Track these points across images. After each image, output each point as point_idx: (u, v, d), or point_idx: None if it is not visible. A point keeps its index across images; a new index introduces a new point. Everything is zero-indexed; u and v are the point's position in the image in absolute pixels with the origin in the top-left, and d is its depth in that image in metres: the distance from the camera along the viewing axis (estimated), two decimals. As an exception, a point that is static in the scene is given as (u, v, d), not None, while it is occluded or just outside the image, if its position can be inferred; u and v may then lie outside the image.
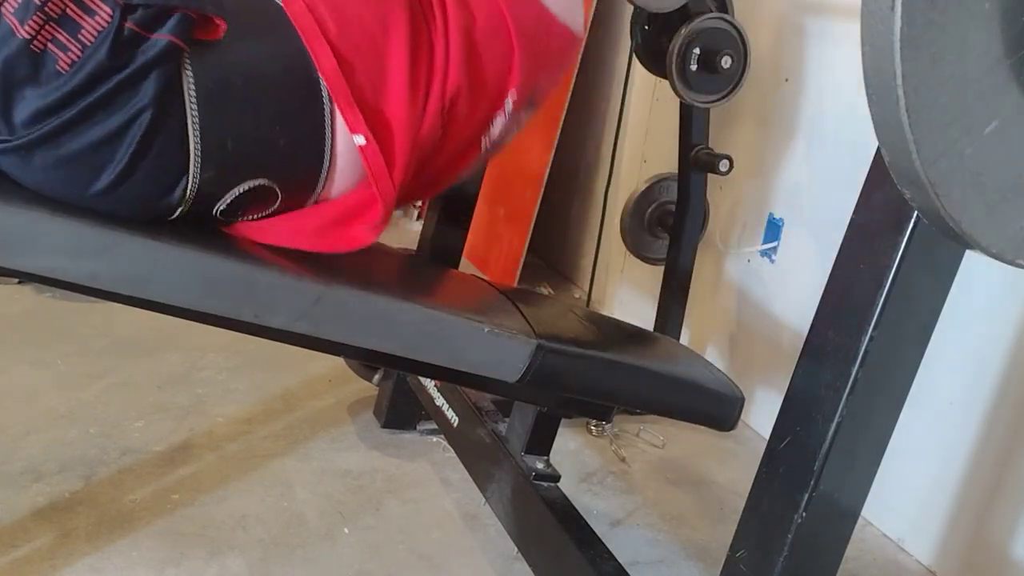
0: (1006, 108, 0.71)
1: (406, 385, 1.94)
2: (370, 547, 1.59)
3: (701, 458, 2.09)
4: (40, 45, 0.80)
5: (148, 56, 0.81)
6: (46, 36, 0.80)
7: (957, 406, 1.72)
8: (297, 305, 1.06)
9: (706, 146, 2.08)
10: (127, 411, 1.90)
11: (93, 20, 0.81)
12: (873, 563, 1.78)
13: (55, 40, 0.81)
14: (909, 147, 0.69)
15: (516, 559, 1.54)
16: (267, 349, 2.19)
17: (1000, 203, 0.75)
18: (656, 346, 1.55)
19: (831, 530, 0.97)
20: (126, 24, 0.81)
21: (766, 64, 2.16)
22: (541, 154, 3.02)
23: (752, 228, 2.27)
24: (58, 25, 0.81)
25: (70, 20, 0.81)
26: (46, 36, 0.80)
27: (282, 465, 1.80)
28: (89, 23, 0.81)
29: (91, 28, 0.81)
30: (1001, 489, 1.65)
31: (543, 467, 1.49)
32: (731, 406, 1.43)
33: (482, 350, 1.19)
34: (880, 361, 0.90)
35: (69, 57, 0.81)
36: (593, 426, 2.11)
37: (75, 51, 0.80)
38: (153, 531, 1.54)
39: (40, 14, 0.79)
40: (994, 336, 1.65)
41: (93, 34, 0.81)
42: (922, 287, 0.89)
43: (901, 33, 0.65)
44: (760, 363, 2.26)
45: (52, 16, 0.80)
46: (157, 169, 0.86)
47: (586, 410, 1.68)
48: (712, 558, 1.70)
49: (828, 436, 0.91)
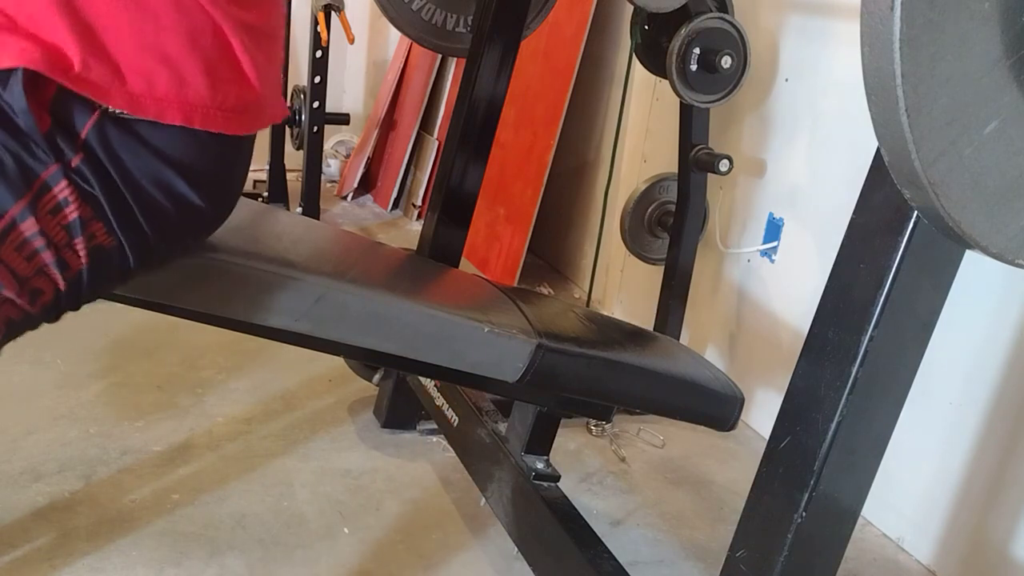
0: (1005, 108, 0.71)
1: (406, 385, 1.94)
2: (370, 547, 1.59)
3: (701, 458, 2.09)
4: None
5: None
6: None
7: (957, 406, 1.72)
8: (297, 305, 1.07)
9: (706, 146, 2.08)
10: (127, 411, 1.90)
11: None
12: (873, 563, 1.78)
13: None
14: (909, 147, 0.69)
15: (516, 559, 1.54)
16: (267, 349, 2.20)
17: (1000, 203, 0.75)
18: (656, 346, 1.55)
19: (831, 530, 0.97)
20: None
21: (766, 64, 2.16)
22: (541, 154, 3.03)
23: (752, 228, 2.27)
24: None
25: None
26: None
27: (282, 465, 1.80)
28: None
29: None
30: (1001, 489, 1.65)
31: (543, 467, 1.49)
32: (731, 406, 1.43)
33: (482, 350, 1.19)
34: (880, 361, 0.89)
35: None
36: (593, 426, 2.11)
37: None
38: (153, 531, 1.54)
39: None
40: (994, 336, 1.65)
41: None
42: (922, 287, 0.89)
43: (901, 33, 0.65)
44: (760, 363, 2.26)
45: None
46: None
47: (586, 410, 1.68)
48: (712, 558, 1.70)
49: (828, 436, 0.91)
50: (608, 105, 3.03)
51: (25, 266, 0.77)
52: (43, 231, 0.77)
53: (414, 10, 2.08)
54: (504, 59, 1.78)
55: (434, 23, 2.11)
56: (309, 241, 1.38)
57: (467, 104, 1.79)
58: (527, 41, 1.95)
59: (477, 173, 1.83)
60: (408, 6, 2.07)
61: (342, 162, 4.08)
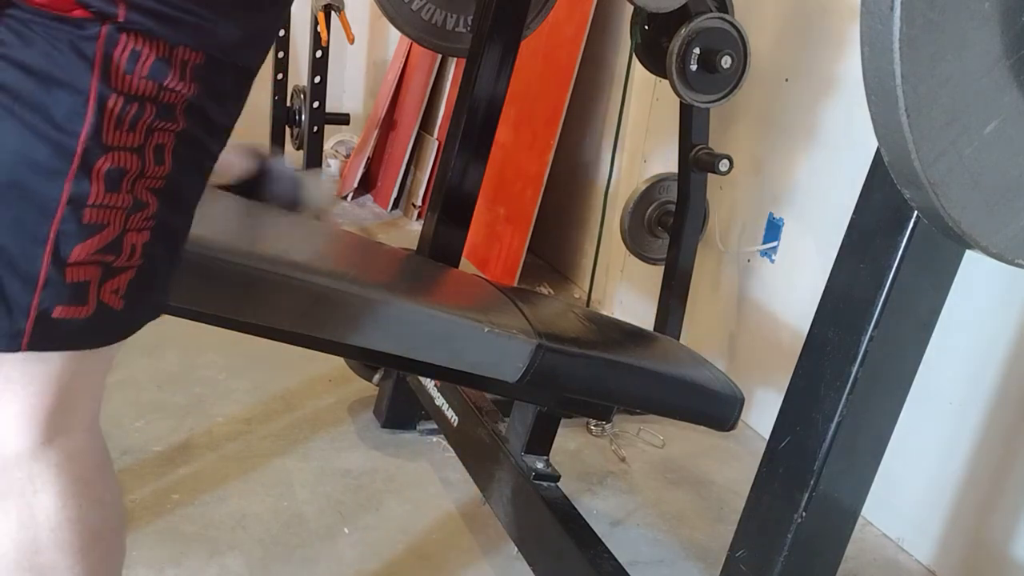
0: (1005, 108, 0.71)
1: (406, 385, 1.94)
2: (370, 547, 1.59)
3: (701, 458, 2.09)
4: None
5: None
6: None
7: (957, 406, 1.72)
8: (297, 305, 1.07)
9: (706, 146, 2.08)
10: (127, 411, 1.90)
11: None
12: (873, 563, 1.78)
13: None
14: (908, 147, 0.69)
15: (516, 559, 1.54)
16: (267, 349, 2.19)
17: (1000, 203, 0.75)
18: (656, 346, 1.55)
19: (831, 530, 0.97)
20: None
21: (766, 64, 2.16)
22: (541, 154, 3.03)
23: (752, 228, 2.27)
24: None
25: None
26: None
27: (282, 465, 1.80)
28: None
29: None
30: (1001, 489, 1.65)
31: (543, 467, 1.49)
32: (731, 406, 1.44)
33: (482, 350, 1.19)
34: (880, 360, 0.90)
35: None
36: (593, 426, 2.11)
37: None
38: (153, 531, 1.54)
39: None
40: (994, 336, 1.65)
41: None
42: (922, 287, 0.89)
43: (901, 33, 0.65)
44: (760, 363, 2.26)
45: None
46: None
47: (586, 410, 1.68)
48: (712, 558, 1.70)
49: (828, 436, 0.91)
50: (608, 105, 3.03)
51: (134, 138, 0.73)
52: (129, 95, 0.72)
53: (414, 10, 2.08)
54: (504, 59, 1.78)
55: (434, 23, 2.11)
56: (309, 241, 1.38)
57: (467, 104, 1.79)
58: (527, 41, 1.95)
59: (477, 173, 1.83)
60: (408, 6, 2.07)
61: (342, 162, 4.08)
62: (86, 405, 0.81)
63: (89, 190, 0.72)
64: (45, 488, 0.78)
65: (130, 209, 0.74)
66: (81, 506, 0.80)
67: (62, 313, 0.73)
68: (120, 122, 0.72)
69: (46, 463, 0.78)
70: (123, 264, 0.76)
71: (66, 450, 0.79)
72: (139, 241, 0.76)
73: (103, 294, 0.75)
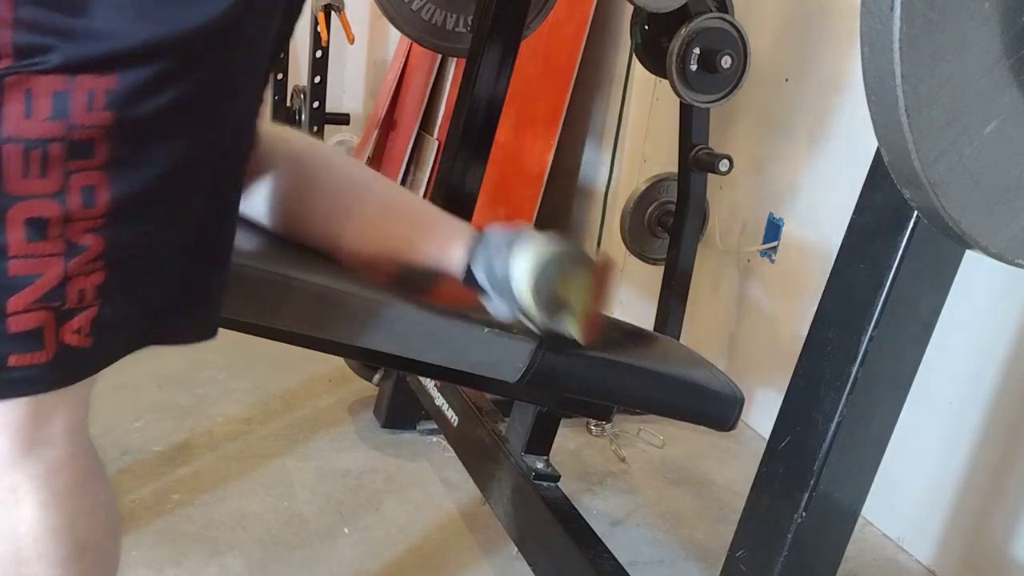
0: (1005, 108, 0.71)
1: (406, 385, 1.94)
2: (370, 547, 1.59)
3: (701, 458, 2.09)
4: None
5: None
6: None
7: (957, 406, 1.72)
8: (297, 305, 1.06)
9: (706, 146, 2.08)
10: (127, 411, 1.90)
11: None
12: (873, 563, 1.78)
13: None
14: (908, 147, 0.69)
15: (516, 559, 1.54)
16: (267, 349, 2.19)
17: (1000, 203, 0.75)
18: (656, 346, 1.55)
19: (831, 530, 0.97)
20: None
21: (766, 64, 2.16)
22: (541, 154, 3.02)
23: (752, 228, 2.27)
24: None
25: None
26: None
27: (282, 465, 1.80)
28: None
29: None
30: (1001, 489, 1.65)
31: (543, 467, 1.49)
32: (731, 406, 1.43)
33: (482, 350, 1.19)
34: (880, 361, 0.89)
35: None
36: (593, 426, 2.11)
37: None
38: (153, 531, 1.54)
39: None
40: (994, 336, 1.65)
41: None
42: (922, 287, 0.89)
43: (900, 33, 0.65)
44: (760, 363, 2.26)
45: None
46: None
47: (586, 410, 1.68)
48: (712, 558, 1.70)
49: (828, 436, 0.91)
50: (608, 105, 3.03)
51: (48, 184, 0.68)
52: (30, 141, 0.67)
53: (414, 10, 2.08)
54: (504, 59, 1.78)
55: (434, 23, 2.11)
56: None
57: (467, 104, 1.79)
58: (527, 41, 1.95)
59: (477, 173, 1.83)
60: (408, 6, 2.07)
61: (342, 162, 4.07)
62: (66, 415, 0.78)
63: (7, 241, 0.68)
64: (27, 499, 0.76)
65: (67, 255, 0.70)
66: (66, 516, 0.78)
67: (18, 361, 0.70)
68: (26, 170, 0.67)
69: (26, 474, 0.76)
70: (75, 306, 0.72)
71: (47, 460, 0.77)
72: (89, 285, 0.71)
73: (63, 335, 0.72)
